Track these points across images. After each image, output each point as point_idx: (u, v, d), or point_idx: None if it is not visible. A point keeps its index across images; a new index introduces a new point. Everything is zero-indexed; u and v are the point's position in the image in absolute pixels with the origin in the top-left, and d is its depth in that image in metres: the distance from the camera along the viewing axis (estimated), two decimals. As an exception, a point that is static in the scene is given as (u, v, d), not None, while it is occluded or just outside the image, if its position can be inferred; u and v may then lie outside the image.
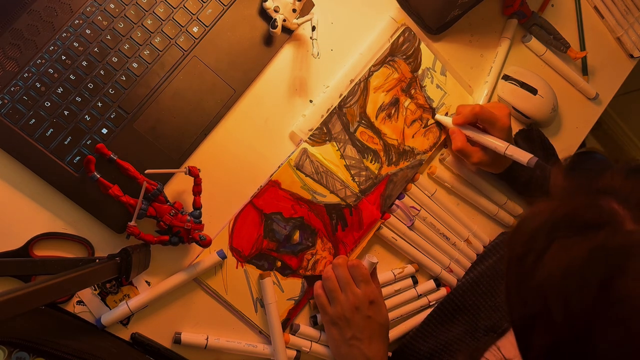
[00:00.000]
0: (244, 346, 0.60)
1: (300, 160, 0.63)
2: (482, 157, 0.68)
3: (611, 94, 0.90)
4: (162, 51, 0.57)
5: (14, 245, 0.52)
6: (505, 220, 0.77)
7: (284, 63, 0.64)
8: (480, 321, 0.61)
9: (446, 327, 0.64)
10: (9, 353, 0.47)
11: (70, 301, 0.54)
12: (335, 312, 0.61)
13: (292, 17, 0.60)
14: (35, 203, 0.53)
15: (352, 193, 0.66)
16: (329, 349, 0.65)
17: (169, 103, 0.57)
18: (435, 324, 0.66)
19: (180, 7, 0.58)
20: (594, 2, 0.87)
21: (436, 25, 0.71)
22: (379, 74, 0.67)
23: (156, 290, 0.56)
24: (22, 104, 0.52)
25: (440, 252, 0.73)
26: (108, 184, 0.52)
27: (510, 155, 0.64)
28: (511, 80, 0.77)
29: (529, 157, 0.62)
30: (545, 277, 0.32)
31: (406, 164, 0.69)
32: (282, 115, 0.64)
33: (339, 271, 0.62)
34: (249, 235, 0.61)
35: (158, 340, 0.57)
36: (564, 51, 0.82)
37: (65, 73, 0.54)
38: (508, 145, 0.65)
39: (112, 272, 0.49)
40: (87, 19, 0.55)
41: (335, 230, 0.65)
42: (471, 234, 0.75)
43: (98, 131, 0.55)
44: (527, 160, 0.62)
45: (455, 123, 0.69)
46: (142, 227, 0.55)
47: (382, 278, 0.68)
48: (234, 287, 0.60)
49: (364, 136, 0.67)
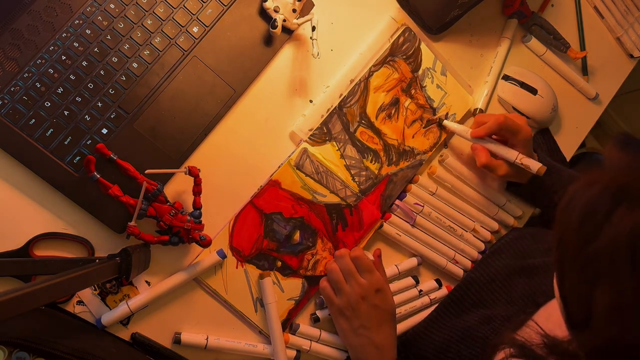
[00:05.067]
0: (244, 346, 0.60)
1: (301, 160, 0.63)
2: (508, 169, 0.67)
3: (611, 94, 0.90)
4: (162, 51, 0.57)
5: (14, 245, 0.52)
6: (505, 220, 0.77)
7: (284, 63, 0.64)
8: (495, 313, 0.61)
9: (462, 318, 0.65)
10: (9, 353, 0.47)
11: (70, 301, 0.54)
12: (342, 302, 0.61)
13: (292, 17, 0.60)
14: (35, 203, 0.53)
15: (352, 193, 0.66)
16: (329, 348, 0.65)
17: (169, 103, 0.57)
18: (450, 315, 0.66)
19: (180, 7, 0.58)
20: (594, 2, 0.87)
21: (436, 25, 0.71)
22: (379, 74, 0.67)
23: (156, 290, 0.56)
24: (22, 104, 0.52)
25: (444, 245, 0.73)
26: (108, 184, 0.52)
27: (521, 164, 0.64)
28: (511, 80, 0.77)
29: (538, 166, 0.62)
30: (613, 237, 0.33)
31: (406, 164, 0.69)
32: (282, 115, 0.64)
33: (342, 262, 0.62)
34: (249, 235, 0.61)
35: (158, 340, 0.57)
36: (564, 51, 0.82)
37: (66, 73, 0.54)
38: (517, 154, 0.65)
39: (112, 272, 0.49)
40: (87, 19, 0.55)
41: (336, 230, 0.65)
42: (477, 223, 0.75)
43: (98, 131, 0.55)
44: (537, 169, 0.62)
45: (476, 136, 0.67)
46: (142, 227, 0.55)
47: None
48: (234, 287, 0.60)
49: (364, 136, 0.67)
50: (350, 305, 0.61)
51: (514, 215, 0.78)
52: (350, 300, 0.61)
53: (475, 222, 0.75)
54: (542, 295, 0.59)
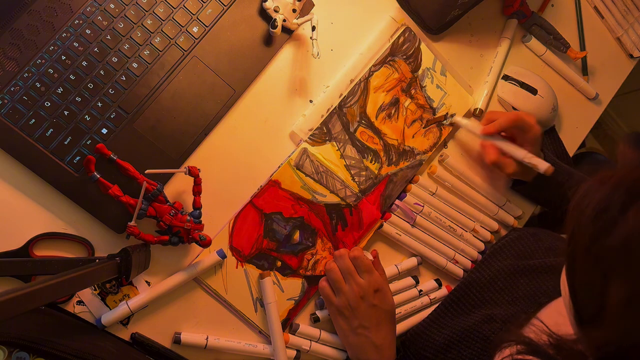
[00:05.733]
0: (244, 346, 0.60)
1: (301, 160, 0.63)
2: (516, 167, 0.67)
3: (611, 94, 0.90)
4: (162, 51, 0.57)
5: (14, 245, 0.52)
6: (505, 220, 0.77)
7: (284, 63, 0.64)
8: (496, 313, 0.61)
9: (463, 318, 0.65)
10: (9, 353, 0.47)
11: (70, 301, 0.54)
12: (340, 302, 0.61)
13: (292, 17, 0.60)
14: (35, 203, 0.53)
15: (352, 193, 0.66)
16: (329, 348, 0.65)
17: (169, 103, 0.57)
18: (450, 315, 0.66)
19: (180, 7, 0.58)
20: (594, 2, 0.87)
21: (436, 25, 0.71)
22: (379, 74, 0.67)
23: (156, 290, 0.56)
24: (22, 104, 0.52)
25: (444, 245, 0.73)
26: (108, 184, 0.52)
27: (528, 163, 0.64)
28: (511, 80, 0.77)
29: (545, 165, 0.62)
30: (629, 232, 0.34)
31: (406, 164, 0.69)
32: (282, 115, 0.64)
33: (341, 262, 0.63)
34: (249, 235, 0.61)
35: (158, 340, 0.57)
36: (564, 51, 0.82)
37: (65, 73, 0.54)
38: (526, 152, 0.64)
39: (112, 272, 0.49)
40: (87, 19, 0.55)
41: (336, 230, 0.65)
42: (477, 224, 0.75)
43: (98, 131, 0.55)
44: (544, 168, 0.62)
45: (486, 132, 0.67)
46: (142, 227, 0.55)
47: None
48: (234, 286, 0.60)
49: (364, 136, 0.67)
50: (349, 305, 0.61)
51: (514, 215, 0.78)
52: (349, 300, 0.61)
53: (475, 222, 0.75)
54: (545, 295, 0.59)
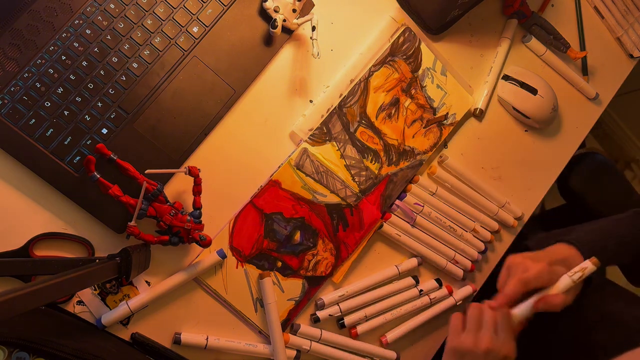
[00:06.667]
0: (244, 346, 0.60)
1: (301, 160, 0.63)
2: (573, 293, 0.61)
3: (611, 94, 0.90)
4: (162, 51, 0.57)
5: (14, 245, 0.52)
6: (505, 220, 0.77)
7: (284, 63, 0.64)
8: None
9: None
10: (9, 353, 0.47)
11: (70, 301, 0.54)
12: (467, 342, 0.58)
13: (292, 17, 0.60)
14: (35, 203, 0.53)
15: (353, 193, 0.66)
16: (329, 348, 0.65)
17: (169, 103, 0.57)
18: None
19: (180, 7, 0.58)
20: (594, 2, 0.87)
21: (436, 25, 0.71)
22: (379, 74, 0.67)
23: (156, 290, 0.56)
24: (22, 104, 0.52)
25: (444, 245, 0.73)
26: (108, 184, 0.52)
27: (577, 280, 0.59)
28: (511, 80, 0.77)
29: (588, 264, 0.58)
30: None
31: (406, 164, 0.69)
32: (282, 115, 0.64)
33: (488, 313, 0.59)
34: (249, 235, 0.61)
35: (158, 340, 0.57)
36: (564, 51, 0.82)
37: (65, 73, 0.54)
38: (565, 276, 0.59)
39: (112, 272, 0.49)
40: (87, 19, 0.55)
41: (337, 231, 0.65)
42: (478, 224, 0.75)
43: (98, 131, 0.55)
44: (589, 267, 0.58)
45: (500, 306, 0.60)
46: (142, 227, 0.55)
47: (385, 274, 0.69)
48: (234, 287, 0.60)
49: (364, 136, 0.67)
50: (473, 351, 0.57)
51: (514, 216, 0.78)
52: (478, 346, 0.57)
53: (476, 222, 0.75)
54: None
